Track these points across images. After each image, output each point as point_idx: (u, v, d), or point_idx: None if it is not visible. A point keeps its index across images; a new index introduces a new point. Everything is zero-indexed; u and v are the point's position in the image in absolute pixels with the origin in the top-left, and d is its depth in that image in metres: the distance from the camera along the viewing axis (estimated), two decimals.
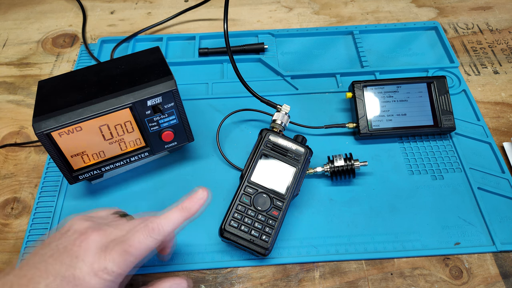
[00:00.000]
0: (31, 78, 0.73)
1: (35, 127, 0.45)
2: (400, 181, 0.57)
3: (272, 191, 0.51)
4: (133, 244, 0.37)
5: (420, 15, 0.81)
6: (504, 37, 0.77)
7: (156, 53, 0.54)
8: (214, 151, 0.61)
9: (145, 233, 0.37)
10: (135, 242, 0.37)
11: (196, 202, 0.40)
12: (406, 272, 0.50)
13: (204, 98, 0.67)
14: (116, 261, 0.36)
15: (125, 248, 0.36)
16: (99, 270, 0.35)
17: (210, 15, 0.82)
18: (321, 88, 0.68)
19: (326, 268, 0.50)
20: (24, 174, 0.60)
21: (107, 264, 0.35)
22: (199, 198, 0.41)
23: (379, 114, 0.60)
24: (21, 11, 0.85)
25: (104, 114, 0.47)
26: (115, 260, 0.36)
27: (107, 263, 0.35)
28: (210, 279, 0.50)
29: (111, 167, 0.52)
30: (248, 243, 0.48)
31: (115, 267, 0.36)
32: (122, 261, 0.36)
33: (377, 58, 0.72)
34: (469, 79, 0.70)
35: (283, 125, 0.56)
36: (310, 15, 0.82)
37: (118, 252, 0.36)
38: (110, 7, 0.85)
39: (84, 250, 0.36)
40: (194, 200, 0.40)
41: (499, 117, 0.65)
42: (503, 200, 0.55)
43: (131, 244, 0.37)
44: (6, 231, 0.54)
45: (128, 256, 0.36)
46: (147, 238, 0.37)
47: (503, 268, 0.50)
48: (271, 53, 0.73)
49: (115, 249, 0.36)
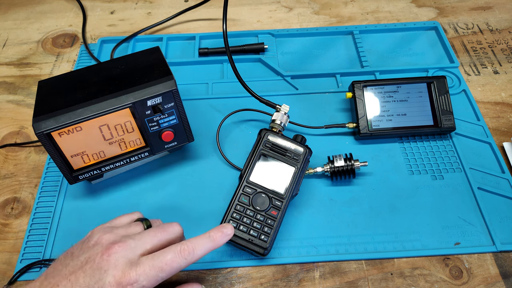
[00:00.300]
0: (31, 78, 0.73)
1: (35, 127, 0.45)
2: (400, 181, 0.57)
3: (271, 191, 0.51)
4: (168, 262, 0.39)
5: (420, 15, 0.81)
6: (504, 37, 0.77)
7: (156, 53, 0.54)
8: (214, 151, 0.61)
9: (179, 253, 0.40)
10: (168, 260, 0.39)
11: (224, 237, 0.43)
12: (406, 272, 0.50)
13: (204, 98, 0.67)
14: (148, 276, 0.38)
15: (159, 264, 0.38)
16: (127, 283, 0.37)
17: (210, 15, 0.82)
18: (321, 88, 0.68)
19: (326, 268, 0.50)
20: (24, 174, 0.60)
21: (138, 277, 0.37)
22: (227, 234, 0.43)
23: (379, 114, 0.60)
24: (21, 11, 0.85)
25: (104, 114, 0.47)
26: (147, 275, 0.38)
27: (138, 277, 0.37)
28: (210, 279, 0.50)
29: (111, 167, 0.52)
30: (247, 243, 0.48)
31: (145, 281, 0.37)
32: (153, 277, 0.38)
33: (377, 58, 0.72)
34: (469, 79, 0.70)
35: (282, 125, 0.56)
36: (310, 15, 0.82)
37: (151, 267, 0.38)
38: (110, 7, 0.85)
39: (110, 263, 0.37)
40: (223, 234, 0.43)
41: (499, 117, 0.65)
42: (503, 200, 0.55)
43: (166, 262, 0.39)
44: (6, 231, 0.54)
45: (160, 272, 0.38)
46: (181, 259, 0.39)
47: (503, 268, 0.50)
48: (271, 53, 0.73)
49: (148, 263, 0.38)
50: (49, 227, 0.54)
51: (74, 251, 0.40)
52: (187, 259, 0.40)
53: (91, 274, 0.37)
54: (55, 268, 0.39)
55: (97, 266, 0.37)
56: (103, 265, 0.37)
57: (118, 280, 0.37)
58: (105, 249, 0.38)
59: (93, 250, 0.39)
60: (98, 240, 0.40)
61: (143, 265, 0.38)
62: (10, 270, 0.51)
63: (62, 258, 0.40)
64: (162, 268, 0.38)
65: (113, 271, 0.37)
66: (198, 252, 0.40)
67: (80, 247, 0.40)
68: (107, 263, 0.37)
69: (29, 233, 0.53)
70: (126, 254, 0.38)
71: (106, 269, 0.37)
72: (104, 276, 0.37)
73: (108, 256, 0.38)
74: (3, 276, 0.50)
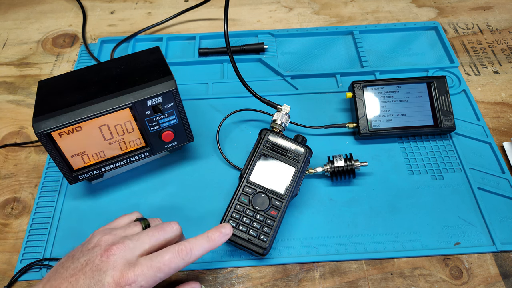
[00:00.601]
0: (31, 78, 0.73)
1: (35, 127, 0.45)
2: (400, 181, 0.57)
3: (271, 191, 0.51)
4: (165, 262, 0.39)
5: (420, 15, 0.81)
6: (504, 37, 0.77)
7: (156, 53, 0.54)
8: (214, 151, 0.61)
9: (176, 254, 0.40)
10: (166, 261, 0.39)
11: (222, 237, 0.43)
12: (406, 272, 0.50)
13: (204, 98, 0.67)
14: (146, 276, 0.38)
15: (157, 265, 0.39)
16: (126, 284, 0.37)
17: (210, 15, 0.82)
18: (321, 88, 0.68)
19: (326, 268, 0.50)
20: (24, 174, 0.60)
21: (136, 278, 0.37)
22: (225, 234, 0.43)
23: (379, 114, 0.60)
24: (21, 11, 0.85)
25: (104, 114, 0.47)
26: (145, 275, 0.38)
27: (136, 277, 0.38)
28: (210, 279, 0.50)
29: (111, 167, 0.52)
30: (247, 243, 0.48)
31: (144, 281, 0.38)
32: (151, 277, 0.38)
33: (377, 58, 0.72)
34: (469, 79, 0.70)
35: (283, 125, 0.56)
36: (310, 15, 0.82)
37: (149, 267, 0.38)
38: (110, 7, 0.85)
39: (109, 264, 0.38)
40: (221, 234, 0.43)
41: (499, 117, 0.65)
42: (503, 200, 0.55)
43: (163, 262, 0.39)
44: (6, 231, 0.54)
45: (158, 272, 0.39)
46: (179, 259, 0.40)
47: (503, 268, 0.50)
48: (271, 53, 0.73)
49: (146, 263, 0.39)
50: (49, 227, 0.54)
51: (75, 253, 0.40)
52: (185, 259, 0.40)
53: (91, 276, 0.37)
54: (57, 271, 0.39)
55: (96, 267, 0.38)
56: (102, 266, 0.38)
57: (117, 280, 0.37)
58: (104, 251, 0.39)
59: (93, 252, 0.39)
60: (98, 242, 0.40)
61: (141, 266, 0.38)
62: (10, 270, 0.51)
63: (64, 261, 0.40)
64: (160, 268, 0.39)
65: (112, 271, 0.37)
66: (196, 253, 0.41)
67: (81, 250, 0.41)
68: (106, 264, 0.38)
69: (29, 233, 0.53)
70: (125, 255, 0.39)
71: (105, 270, 0.37)
72: (103, 277, 0.37)
73: (107, 258, 0.38)
74: (3, 276, 0.50)
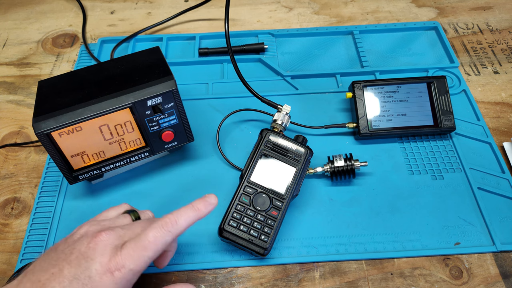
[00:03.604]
0: (31, 78, 0.73)
1: (35, 127, 0.45)
2: (400, 181, 0.57)
3: (272, 191, 0.51)
4: (150, 239, 0.37)
5: (420, 15, 0.81)
6: (504, 37, 0.77)
7: (156, 53, 0.54)
8: (214, 151, 0.61)
9: (161, 228, 0.38)
10: (151, 237, 0.37)
11: (208, 206, 0.42)
12: (406, 272, 0.50)
13: (204, 98, 0.67)
14: (133, 258, 0.36)
15: (142, 243, 0.37)
16: (115, 269, 0.35)
17: (210, 15, 0.82)
18: (321, 88, 0.68)
19: (326, 268, 0.50)
20: (24, 174, 0.60)
21: (124, 262, 0.35)
22: (210, 203, 0.42)
23: (379, 114, 0.60)
24: (21, 11, 0.85)
25: (104, 114, 0.47)
26: (132, 257, 0.36)
27: (124, 261, 0.35)
28: (210, 279, 0.50)
29: (111, 167, 0.52)
30: (247, 243, 0.48)
31: (132, 264, 0.36)
32: (139, 258, 0.36)
33: (377, 58, 0.72)
34: (469, 79, 0.70)
35: (284, 125, 0.56)
36: (310, 15, 0.82)
37: (134, 248, 0.36)
38: (110, 7, 0.85)
39: (97, 251, 0.36)
40: (206, 203, 0.42)
41: (499, 117, 0.65)
42: (503, 200, 0.55)
43: (148, 239, 0.37)
44: (6, 231, 0.54)
45: (145, 251, 0.36)
46: (164, 232, 0.38)
47: (503, 268, 0.50)
48: (271, 53, 0.73)
49: (130, 246, 0.36)
50: (49, 227, 0.54)
51: (58, 246, 0.38)
52: (171, 231, 0.38)
53: (77, 264, 0.35)
54: (35, 265, 0.37)
55: (83, 255, 0.35)
56: (90, 253, 0.35)
57: (106, 266, 0.35)
58: (92, 237, 0.37)
59: (79, 242, 0.37)
60: (84, 233, 0.38)
61: (127, 248, 0.36)
62: (10, 270, 0.51)
63: (45, 254, 0.38)
64: (146, 247, 0.36)
65: (101, 258, 0.35)
66: (183, 223, 0.39)
67: (65, 242, 0.38)
68: (94, 251, 0.36)
69: (29, 233, 0.53)
70: (113, 241, 0.37)
71: (93, 257, 0.35)
72: (90, 264, 0.35)
73: (95, 244, 0.36)
74: (3, 276, 0.50)
